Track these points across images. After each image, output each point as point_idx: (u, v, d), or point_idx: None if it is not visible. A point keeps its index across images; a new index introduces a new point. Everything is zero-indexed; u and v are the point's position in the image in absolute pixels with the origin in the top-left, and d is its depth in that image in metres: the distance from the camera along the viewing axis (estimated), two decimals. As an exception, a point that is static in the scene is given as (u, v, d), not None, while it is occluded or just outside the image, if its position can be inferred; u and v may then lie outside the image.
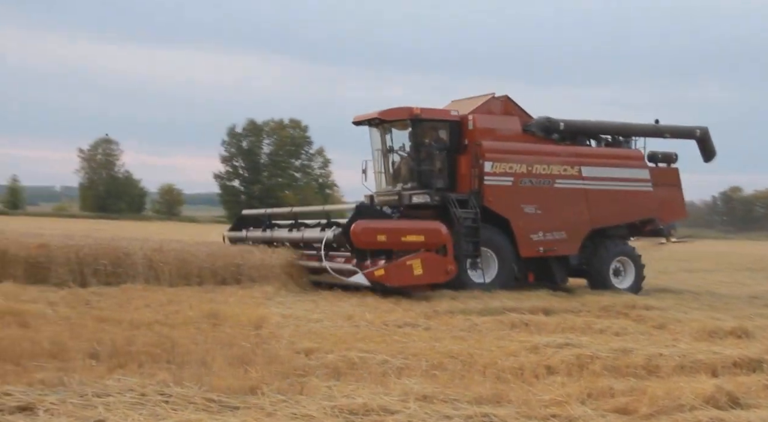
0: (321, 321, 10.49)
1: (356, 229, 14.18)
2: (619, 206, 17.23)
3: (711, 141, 18.80)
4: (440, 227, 14.85)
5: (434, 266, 14.32)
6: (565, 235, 16.64)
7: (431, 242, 14.54)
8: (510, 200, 16.20)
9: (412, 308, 12.27)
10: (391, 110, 16.41)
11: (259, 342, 8.51)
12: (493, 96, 16.99)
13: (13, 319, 9.06)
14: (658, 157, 18.21)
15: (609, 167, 17.26)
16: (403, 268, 14.10)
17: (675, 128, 18.55)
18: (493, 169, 16.04)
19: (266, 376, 6.71)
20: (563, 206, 16.64)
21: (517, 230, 16.20)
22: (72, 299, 11.31)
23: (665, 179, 18.06)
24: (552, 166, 16.58)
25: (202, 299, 11.93)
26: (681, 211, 18.48)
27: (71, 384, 5.94)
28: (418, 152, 16.17)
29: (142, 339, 8.11)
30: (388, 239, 14.30)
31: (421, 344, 8.80)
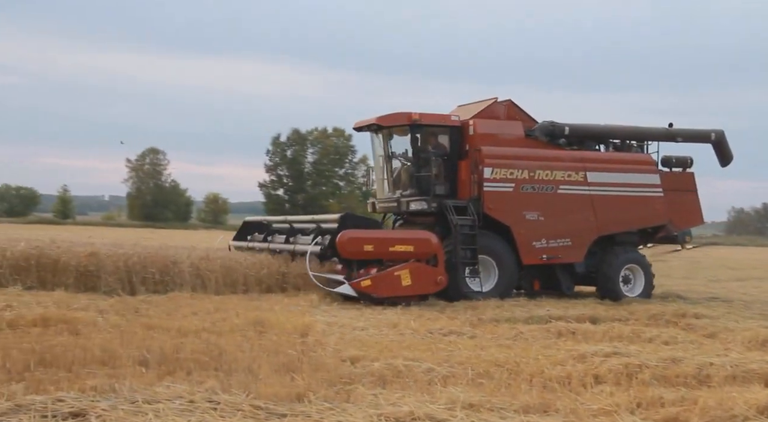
0: (366, 328, 10.50)
1: (342, 239, 14.08)
2: (627, 213, 16.78)
3: (727, 145, 18.17)
4: (430, 236, 14.66)
5: (423, 277, 14.13)
6: (569, 242, 16.28)
7: (421, 252, 14.35)
8: (511, 207, 15.86)
9: (457, 317, 12.23)
10: (389, 116, 16.18)
11: (304, 349, 8.55)
12: (495, 100, 16.67)
13: (65, 327, 9.24)
14: (672, 161, 17.67)
15: (616, 172, 16.78)
16: (390, 279, 13.95)
17: (688, 132, 17.97)
18: (492, 175, 15.73)
19: (312, 384, 6.73)
20: (567, 213, 16.26)
21: (518, 238, 15.86)
22: (121, 307, 11.49)
23: (680, 184, 17.54)
24: (555, 171, 16.19)
25: (248, 307, 12.04)
26: (697, 217, 17.85)
27: (122, 390, 6.03)
28: (417, 158, 15.93)
29: (190, 347, 8.20)
30: (376, 249, 14.18)
31: (467, 352, 8.75)
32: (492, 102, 16.66)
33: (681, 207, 17.40)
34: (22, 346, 7.78)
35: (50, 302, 11.38)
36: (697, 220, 18.01)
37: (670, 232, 17.59)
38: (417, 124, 15.82)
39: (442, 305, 13.77)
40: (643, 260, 17.05)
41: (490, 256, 15.61)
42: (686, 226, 17.98)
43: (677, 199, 17.31)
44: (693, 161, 17.87)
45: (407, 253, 14.25)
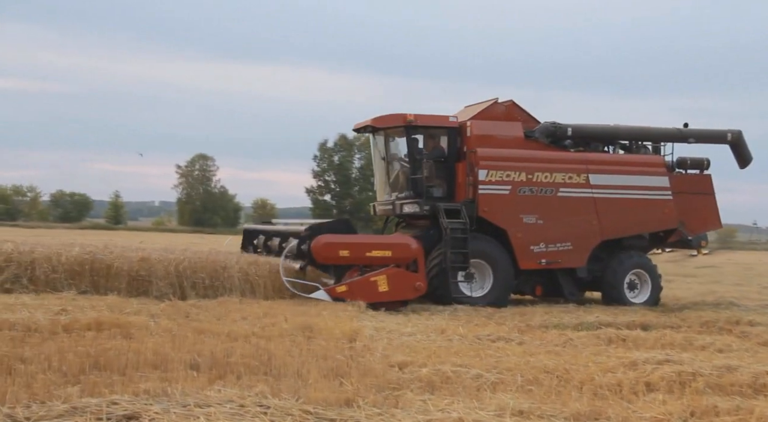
0: (413, 334, 10.51)
1: (317, 244, 13.98)
2: (633, 216, 16.29)
3: (745, 146, 17.50)
4: (409, 241, 14.52)
5: (401, 283, 13.93)
6: (570, 246, 15.87)
7: (399, 257, 14.18)
8: (507, 210, 15.54)
9: (505, 323, 12.16)
10: (384, 117, 15.96)
11: (353, 354, 8.58)
12: (496, 101, 16.35)
13: (119, 331, 9.40)
14: (686, 163, 17.13)
15: (622, 174, 16.31)
16: (366, 285, 13.81)
17: (702, 132, 17.33)
18: (488, 177, 15.43)
19: (361, 389, 6.76)
20: (568, 216, 15.86)
21: (515, 241, 15.53)
22: (172, 312, 11.65)
23: (694, 187, 16.97)
24: (555, 173, 15.80)
25: (296, 312, 12.12)
26: (714, 221, 17.24)
27: (174, 394, 6.11)
28: (412, 160, 15.69)
29: (240, 351, 8.29)
30: (352, 254, 14.03)
31: (515, 358, 8.70)
32: (492, 102, 16.31)
33: (696, 211, 16.81)
34: (77, 349, 7.94)
35: (104, 307, 11.60)
36: (715, 224, 17.39)
37: (683, 236, 16.97)
38: (412, 125, 15.59)
39: (490, 312, 13.70)
40: (650, 266, 16.53)
41: (485, 260, 15.33)
42: (702, 230, 17.39)
43: (692, 202, 16.75)
44: (710, 162, 17.25)
45: (385, 258, 14.10)
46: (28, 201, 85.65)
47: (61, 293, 13.04)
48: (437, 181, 15.92)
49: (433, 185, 15.83)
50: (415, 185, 15.64)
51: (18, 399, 5.86)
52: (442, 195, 15.73)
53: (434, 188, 15.81)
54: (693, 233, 17.11)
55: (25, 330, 9.17)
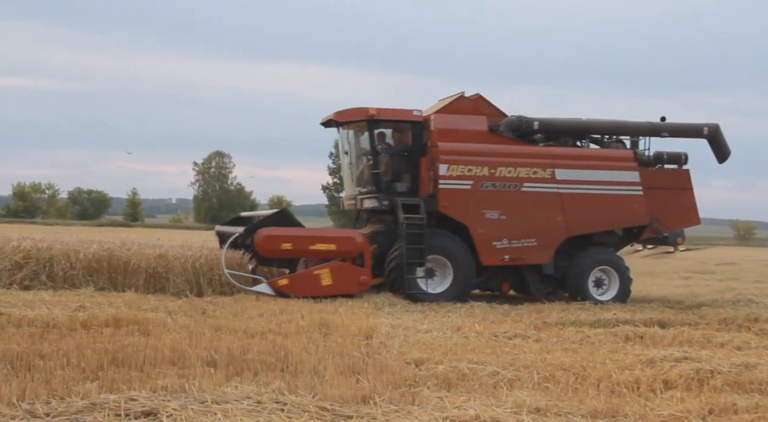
0: (430, 331, 10.50)
1: (259, 237, 13.91)
2: (601, 212, 15.80)
3: (723, 140, 16.91)
4: (354, 235, 14.41)
5: (345, 277, 13.89)
6: (535, 242, 15.49)
7: (343, 251, 14.11)
8: (468, 205, 15.26)
9: (522, 320, 12.13)
10: (346, 111, 15.74)
11: (369, 351, 8.59)
12: (462, 95, 16.02)
13: (136, 327, 9.46)
14: (663, 158, 16.64)
15: (589, 169, 15.83)
16: (309, 278, 13.80)
17: (676, 126, 16.74)
18: (449, 172, 15.16)
19: (378, 386, 6.76)
20: (533, 212, 15.49)
21: (476, 237, 15.24)
22: (189, 309, 11.71)
23: (671, 182, 16.48)
24: (519, 168, 15.43)
25: (312, 309, 12.15)
26: (691, 217, 16.63)
27: (191, 390, 6.15)
28: (374, 155, 15.47)
29: (257, 348, 8.32)
30: (295, 248, 13.98)
31: (532, 356, 8.68)
32: (458, 96, 16.00)
33: (672, 206, 16.33)
34: (96, 346, 7.99)
35: (121, 303, 11.68)
36: (692, 220, 16.75)
37: (658, 233, 16.51)
38: (374, 119, 15.41)
39: (507, 309, 13.67)
40: (618, 263, 16.02)
41: (444, 256, 15.10)
42: (679, 226, 16.85)
43: (668, 197, 16.29)
44: (687, 157, 16.76)
45: (329, 252, 14.03)
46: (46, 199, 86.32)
47: (79, 290, 13.14)
48: (401, 175, 15.58)
49: (396, 180, 15.61)
50: (377, 179, 15.42)
51: (37, 394, 5.91)
52: (406, 190, 15.44)
53: (399, 182, 15.60)
54: (669, 230, 16.60)
55: (44, 327, 9.25)
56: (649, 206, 16.06)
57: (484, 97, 16.10)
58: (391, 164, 15.62)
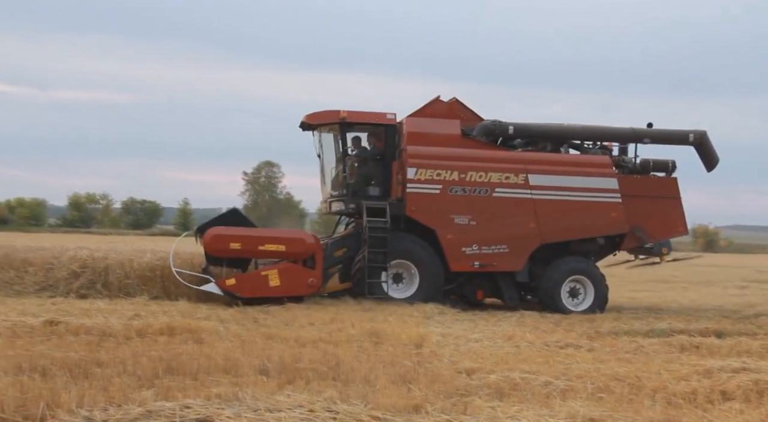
0: (480, 340, 10.44)
1: (207, 236, 13.87)
2: (576, 219, 15.32)
3: (711, 147, 16.27)
4: (304, 236, 14.28)
5: (293, 278, 13.75)
6: (506, 249, 15.11)
7: (293, 252, 13.96)
8: (437, 210, 14.96)
9: (574, 329, 12.00)
10: (317, 114, 15.62)
11: (420, 360, 8.57)
12: (438, 98, 15.76)
13: (190, 336, 9.59)
14: (649, 165, 16.07)
15: (564, 175, 15.34)
16: (257, 279, 13.70)
17: (660, 133, 16.14)
18: (417, 175, 14.89)
19: (429, 395, 6.75)
20: (504, 218, 15.11)
21: (444, 242, 14.94)
22: (241, 317, 11.82)
23: (656, 190, 15.85)
24: (491, 173, 15.05)
25: (362, 318, 12.17)
26: (678, 227, 15.99)
27: (245, 398, 6.20)
28: (344, 158, 15.37)
29: (309, 356, 8.36)
30: (243, 248, 13.85)
31: (585, 365, 8.57)
32: (434, 100, 15.76)
33: (657, 215, 15.75)
34: (151, 354, 8.12)
35: (175, 312, 11.84)
36: (679, 230, 16.07)
37: (642, 242, 15.92)
38: (345, 122, 15.29)
39: (558, 318, 13.54)
40: (592, 272, 15.43)
41: (410, 260, 14.92)
42: (665, 236, 16.08)
43: (652, 206, 15.69)
44: (675, 165, 16.18)
45: (279, 252, 13.93)
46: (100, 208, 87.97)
47: (134, 299, 13.38)
48: (374, 179, 15.46)
49: (369, 184, 15.48)
50: (343, 183, 15.38)
51: (95, 401, 6.02)
52: (378, 194, 15.32)
53: (371, 186, 15.46)
54: (654, 240, 15.94)
55: (101, 335, 9.43)
56: (632, 214, 15.56)
57: (461, 101, 15.92)
58: (365, 168, 15.58)
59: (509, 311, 14.27)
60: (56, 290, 13.96)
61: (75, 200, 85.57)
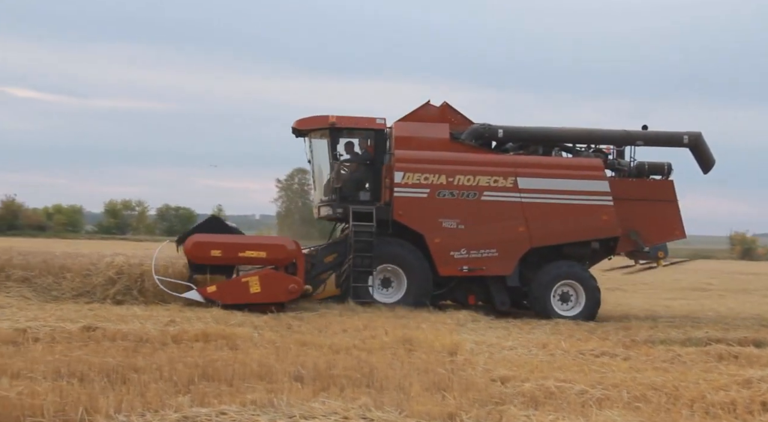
0: (515, 348, 10.39)
1: (188, 244, 13.89)
2: (567, 223, 15.08)
3: (706, 148, 15.96)
4: (285, 242, 14.20)
5: (274, 285, 13.64)
6: (496, 253, 14.93)
7: (274, 258, 13.89)
8: (424, 214, 14.86)
9: (609, 337, 11.89)
10: (307, 119, 15.61)
11: (454, 368, 8.56)
12: (428, 102, 15.73)
13: (225, 342, 9.66)
14: (644, 168, 15.85)
15: (554, 178, 15.16)
16: (237, 286, 13.63)
17: (654, 135, 15.87)
18: (404, 180, 14.83)
19: (464, 403, 6.73)
20: (493, 222, 14.96)
21: (432, 247, 14.81)
22: (275, 324, 11.88)
23: (652, 193, 15.62)
24: (479, 177, 14.93)
25: (395, 325, 12.16)
26: (675, 230, 15.68)
27: (280, 405, 6.23)
28: (335, 163, 15.36)
29: (342, 363, 8.38)
30: (224, 255, 13.82)
31: (621, 374, 8.49)
32: (425, 104, 15.73)
33: (654, 219, 15.48)
34: (186, 360, 8.19)
35: (209, 318, 11.93)
36: (676, 233, 15.74)
37: (638, 246, 15.62)
38: (335, 127, 15.27)
39: (593, 326, 13.42)
40: (584, 277, 15.17)
41: (398, 265, 14.82)
42: (661, 240, 15.79)
43: (649, 209, 15.45)
44: (671, 167, 15.92)
45: (260, 259, 13.90)
46: (136, 215, 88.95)
47: (169, 305, 13.49)
48: (364, 184, 15.44)
49: (359, 189, 15.48)
50: (331, 187, 15.41)
51: (132, 407, 6.09)
52: (369, 198, 15.28)
53: (362, 191, 15.44)
54: (650, 243, 15.64)
55: (137, 341, 9.54)
56: (627, 217, 15.35)
57: (451, 105, 15.90)
58: (355, 173, 15.59)
59: (543, 319, 14.18)
60: (93, 296, 14.12)
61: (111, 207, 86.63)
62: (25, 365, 7.59)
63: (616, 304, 17.61)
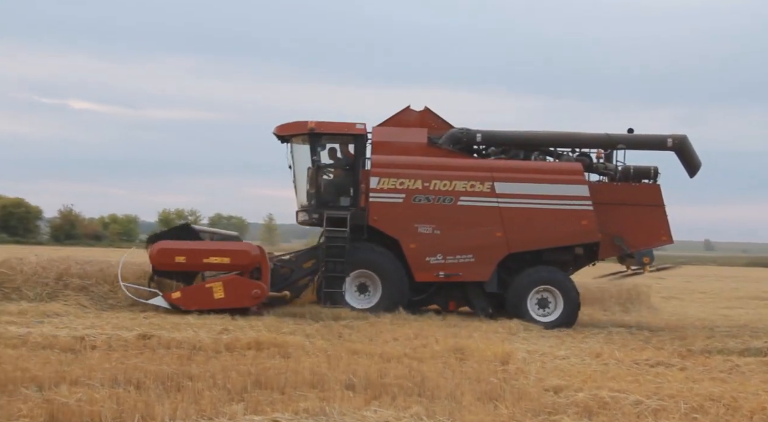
0: (567, 357, 10.27)
1: (152, 251, 13.98)
2: (545, 228, 14.88)
3: (692, 151, 15.58)
4: (249, 248, 14.13)
5: (238, 290, 13.63)
6: (473, 259, 14.73)
7: (238, 264, 13.86)
8: (400, 219, 14.74)
9: (664, 347, 11.69)
10: (287, 125, 15.56)
11: (506, 377, 8.49)
12: (408, 108, 15.54)
13: (277, 350, 9.73)
14: (630, 172, 15.49)
15: (532, 182, 14.94)
16: (201, 291, 13.66)
17: (636, 138, 15.59)
18: (379, 185, 14.75)
19: (516, 413, 6.68)
20: (470, 227, 14.78)
21: (408, 252, 14.68)
22: (326, 332, 11.94)
23: (637, 198, 15.29)
24: (455, 181, 14.76)
25: (446, 334, 12.12)
26: (662, 235, 15.35)
27: (332, 413, 6.25)
28: (314, 168, 15.31)
29: (394, 372, 8.38)
30: (188, 261, 13.88)
31: (677, 385, 8.33)
32: (404, 109, 15.59)
33: (639, 224, 15.16)
34: (239, 368, 8.27)
35: (261, 326, 12.03)
36: (662, 239, 15.43)
37: (623, 251, 15.36)
38: (314, 133, 15.19)
39: (647, 335, 13.21)
40: (562, 282, 14.93)
41: (372, 270, 14.73)
42: (647, 246, 15.56)
43: (634, 214, 15.13)
44: (658, 171, 15.55)
45: (223, 265, 13.90)
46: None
47: (222, 314, 13.63)
48: (345, 190, 15.38)
49: (341, 194, 15.39)
50: (318, 193, 15.37)
51: (187, 414, 6.17)
52: (349, 204, 15.21)
53: (343, 196, 15.36)
54: (635, 249, 15.41)
55: (191, 349, 9.66)
56: (612, 222, 15.07)
57: (432, 110, 15.80)
58: (336, 178, 15.58)
59: (596, 328, 14.01)
60: (148, 305, 14.36)
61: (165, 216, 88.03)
62: (83, 372, 7.74)
63: (671, 313, 17.36)
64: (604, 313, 17.72)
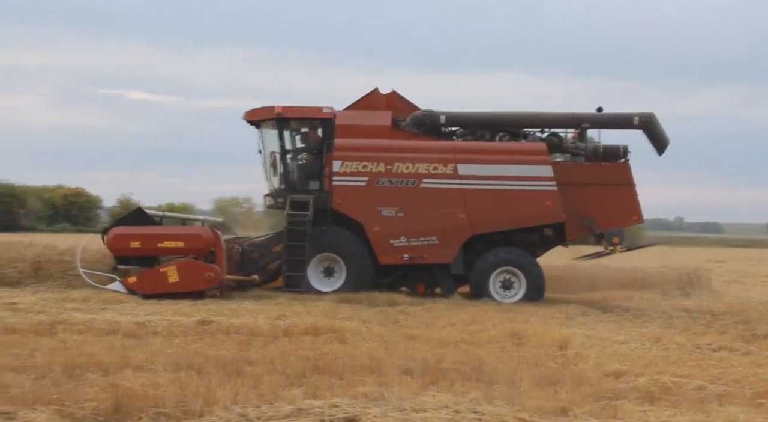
0: (627, 342, 10.13)
1: (109, 237, 14.09)
2: (509, 209, 14.84)
3: (660, 129, 15.31)
4: (202, 232, 14.16)
5: (192, 273, 13.66)
6: (437, 241, 14.68)
7: (192, 248, 13.92)
8: (363, 202, 14.74)
9: (727, 331, 11.45)
10: (255, 110, 15.60)
11: (565, 362, 8.42)
12: (375, 90, 15.44)
13: (334, 336, 9.80)
14: (599, 152, 15.23)
15: (495, 163, 14.90)
16: (156, 276, 13.71)
17: (602, 117, 15.34)
18: (342, 168, 14.75)
19: (576, 398, 6.60)
20: (433, 209, 14.76)
21: (371, 235, 14.68)
22: (382, 318, 11.97)
23: (606, 177, 15.06)
24: (418, 164, 14.72)
25: (503, 318, 12.07)
26: (632, 215, 15.25)
27: (390, 398, 6.26)
28: (282, 153, 15.35)
29: (451, 357, 8.37)
30: (143, 246, 13.98)
31: (742, 369, 8.16)
32: (371, 92, 15.51)
33: (609, 203, 14.96)
34: (298, 353, 8.36)
35: (318, 312, 12.14)
36: (633, 218, 15.33)
37: (592, 232, 15.12)
38: (281, 117, 15.22)
39: (709, 320, 12.95)
40: (523, 263, 14.91)
41: (336, 253, 14.75)
42: (617, 225, 15.38)
43: (603, 194, 14.95)
44: (628, 150, 15.30)
45: (178, 249, 13.97)
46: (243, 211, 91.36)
47: (279, 299, 13.80)
48: (314, 174, 15.46)
49: (310, 178, 15.45)
50: (285, 177, 15.48)
51: (248, 399, 6.25)
52: (318, 188, 15.29)
53: (312, 181, 15.42)
54: (605, 229, 15.23)
55: (250, 334, 9.79)
56: (581, 203, 14.91)
57: (399, 94, 15.75)
58: (305, 163, 15.61)
59: (656, 313, 13.79)
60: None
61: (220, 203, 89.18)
62: (146, 357, 7.90)
63: (734, 297, 16.99)
64: (663, 297, 17.42)
